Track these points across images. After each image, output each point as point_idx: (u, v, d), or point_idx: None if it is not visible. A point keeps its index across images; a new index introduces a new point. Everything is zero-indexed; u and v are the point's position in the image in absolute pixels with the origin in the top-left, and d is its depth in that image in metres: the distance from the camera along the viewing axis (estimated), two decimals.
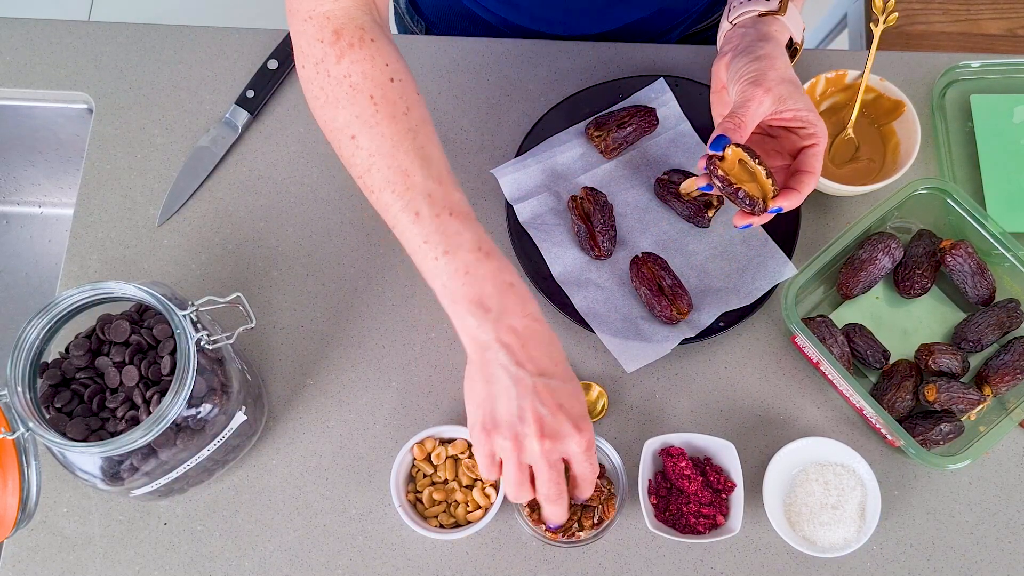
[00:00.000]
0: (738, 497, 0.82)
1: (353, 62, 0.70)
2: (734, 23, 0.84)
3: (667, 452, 0.84)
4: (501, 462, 0.69)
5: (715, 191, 0.79)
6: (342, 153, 0.72)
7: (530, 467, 0.68)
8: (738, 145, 0.76)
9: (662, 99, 0.98)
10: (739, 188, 0.76)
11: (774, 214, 0.79)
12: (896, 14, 0.94)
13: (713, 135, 0.76)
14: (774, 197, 0.77)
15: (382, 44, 0.72)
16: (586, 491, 0.72)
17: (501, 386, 0.66)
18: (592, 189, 0.92)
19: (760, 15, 0.82)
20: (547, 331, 0.68)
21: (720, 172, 0.77)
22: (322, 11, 0.71)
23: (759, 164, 0.76)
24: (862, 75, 0.94)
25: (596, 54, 1.03)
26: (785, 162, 0.82)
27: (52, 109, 1.03)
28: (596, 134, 0.95)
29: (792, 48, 0.85)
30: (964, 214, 0.89)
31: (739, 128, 0.76)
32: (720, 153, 0.76)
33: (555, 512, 0.71)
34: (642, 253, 0.91)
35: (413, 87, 0.72)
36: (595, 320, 0.89)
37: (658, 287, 0.89)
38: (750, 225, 0.79)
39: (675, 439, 0.85)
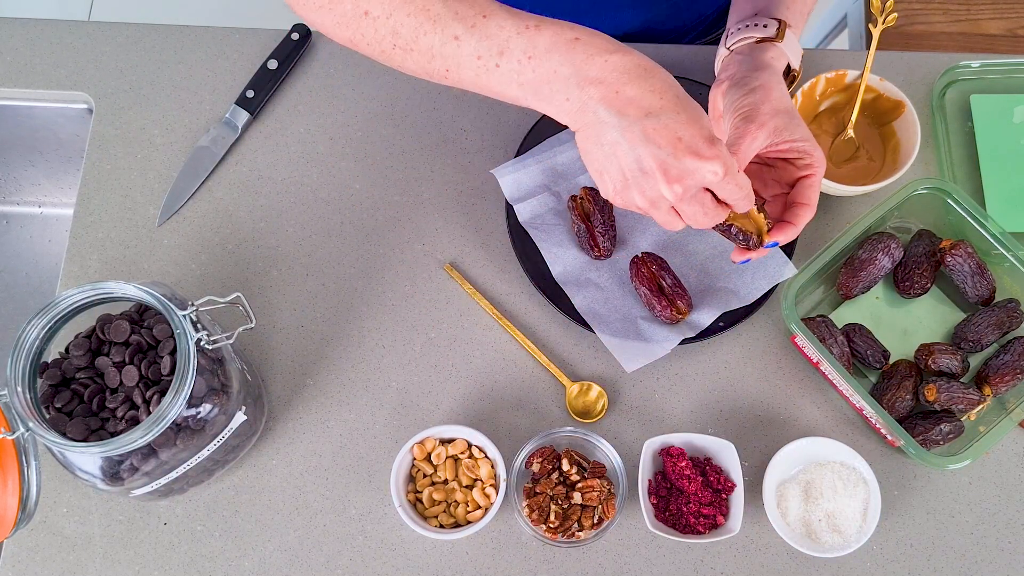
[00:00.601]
0: (738, 497, 0.83)
1: None
2: (731, 49, 0.83)
3: (667, 452, 0.84)
4: None
5: (709, 228, 0.79)
6: (367, 39, 0.68)
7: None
8: None
9: None
10: (731, 225, 0.76)
11: (771, 248, 0.78)
12: (895, 15, 0.94)
13: None
14: (769, 231, 0.77)
15: None
16: (743, 206, 0.68)
17: (612, 143, 0.62)
18: (592, 189, 0.92)
19: (757, 41, 0.82)
20: (637, 63, 0.62)
21: None
22: None
23: None
24: (862, 75, 0.94)
25: None
26: (783, 191, 0.81)
27: (52, 109, 1.03)
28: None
29: (790, 75, 0.84)
30: (964, 214, 0.89)
31: None
32: None
33: (705, 225, 0.68)
34: (642, 253, 0.91)
35: None
36: (595, 320, 0.89)
37: (658, 287, 0.89)
38: (749, 260, 0.78)
39: (675, 439, 0.85)
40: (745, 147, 0.74)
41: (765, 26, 0.81)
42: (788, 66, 0.83)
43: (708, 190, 0.66)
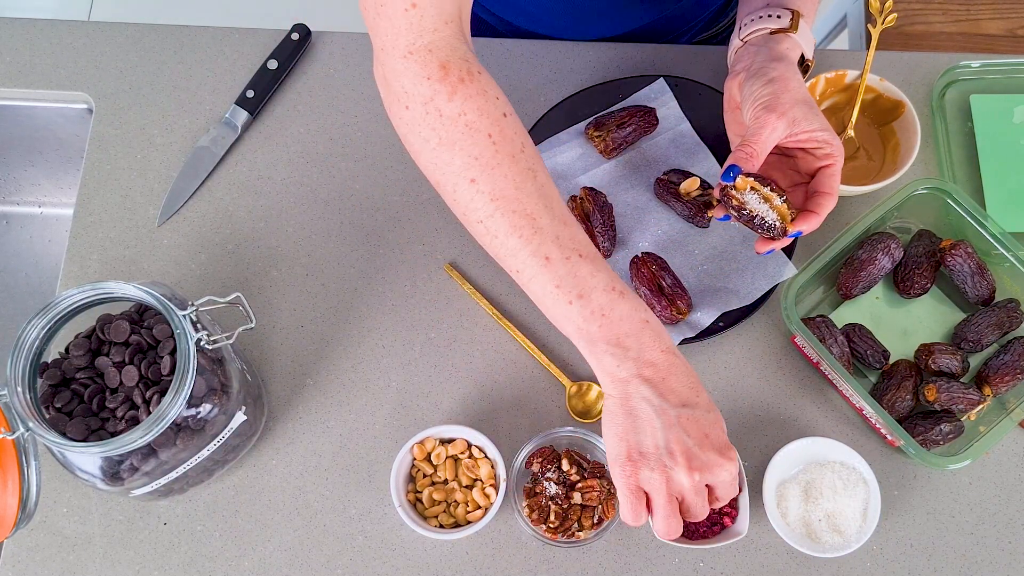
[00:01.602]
0: (743, 500, 0.82)
1: (467, 98, 0.66)
2: (745, 40, 0.83)
3: None
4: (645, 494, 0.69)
5: (733, 219, 0.79)
6: (457, 198, 0.68)
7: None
8: (748, 174, 0.75)
9: (662, 99, 0.98)
10: (755, 215, 0.76)
11: (795, 237, 0.78)
12: (894, 15, 0.94)
13: (725, 165, 0.76)
14: (792, 220, 0.77)
15: (487, 76, 0.68)
16: (719, 504, 0.71)
17: (645, 419, 0.66)
18: (592, 189, 0.92)
19: (771, 32, 0.82)
20: (684, 364, 0.68)
21: (735, 201, 0.77)
22: (423, 44, 0.65)
23: (772, 190, 0.76)
24: (862, 75, 0.94)
25: (596, 54, 1.03)
26: (803, 181, 0.81)
27: (52, 109, 1.03)
28: (596, 134, 0.95)
29: (804, 64, 0.84)
30: (964, 214, 0.89)
31: (751, 158, 0.75)
32: (731, 183, 0.76)
33: (698, 518, 0.71)
34: (642, 253, 0.91)
35: (519, 120, 0.69)
36: None
37: (658, 287, 0.89)
38: (773, 251, 0.79)
39: None
40: (765, 137, 0.75)
41: (779, 17, 0.82)
42: (801, 56, 0.83)
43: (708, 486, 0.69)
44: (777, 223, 0.76)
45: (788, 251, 0.91)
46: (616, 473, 0.68)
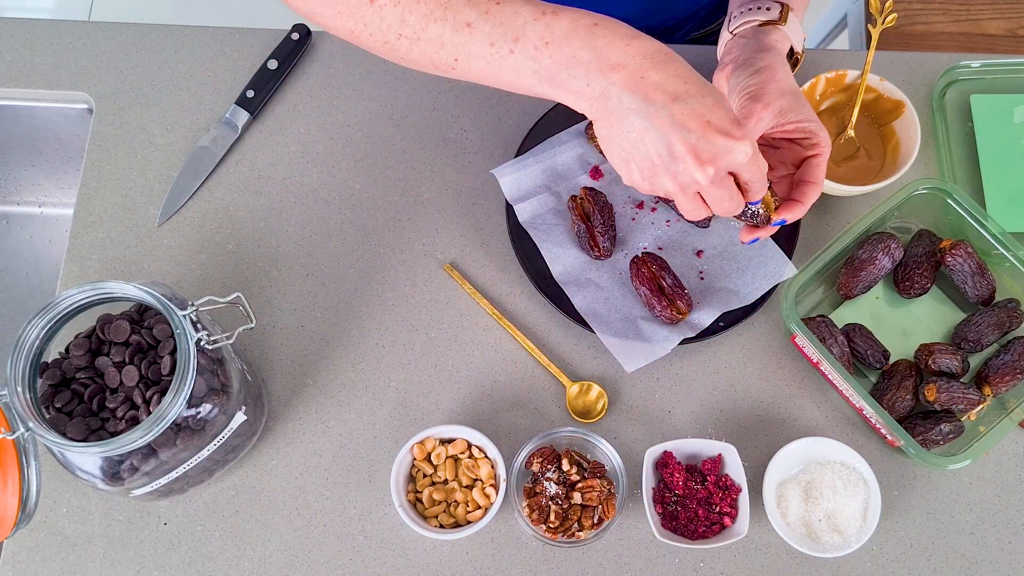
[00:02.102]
0: (743, 500, 0.82)
1: None
2: (734, 33, 0.84)
3: (668, 462, 0.84)
4: None
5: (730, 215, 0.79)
6: (371, 29, 0.66)
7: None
8: None
9: None
10: None
11: (779, 226, 0.78)
12: (895, 15, 0.94)
13: None
14: (777, 209, 0.77)
15: None
16: (760, 190, 0.68)
17: (639, 129, 0.61)
18: (592, 189, 0.92)
19: (760, 25, 0.82)
20: (658, 48, 0.61)
21: None
22: None
23: None
24: (862, 75, 0.94)
25: None
26: (789, 172, 0.81)
27: (52, 109, 1.03)
28: (596, 134, 0.95)
29: (793, 58, 0.84)
30: (964, 214, 0.89)
31: None
32: None
33: (730, 212, 0.68)
34: (642, 253, 0.91)
35: None
36: (595, 320, 0.89)
37: (658, 287, 0.89)
38: (757, 239, 0.79)
39: (675, 446, 0.85)
40: (751, 127, 0.75)
41: (768, 9, 0.82)
42: (791, 49, 0.83)
43: (731, 174, 0.66)
44: (760, 211, 0.76)
45: (788, 251, 0.92)
46: (643, 191, 0.66)
